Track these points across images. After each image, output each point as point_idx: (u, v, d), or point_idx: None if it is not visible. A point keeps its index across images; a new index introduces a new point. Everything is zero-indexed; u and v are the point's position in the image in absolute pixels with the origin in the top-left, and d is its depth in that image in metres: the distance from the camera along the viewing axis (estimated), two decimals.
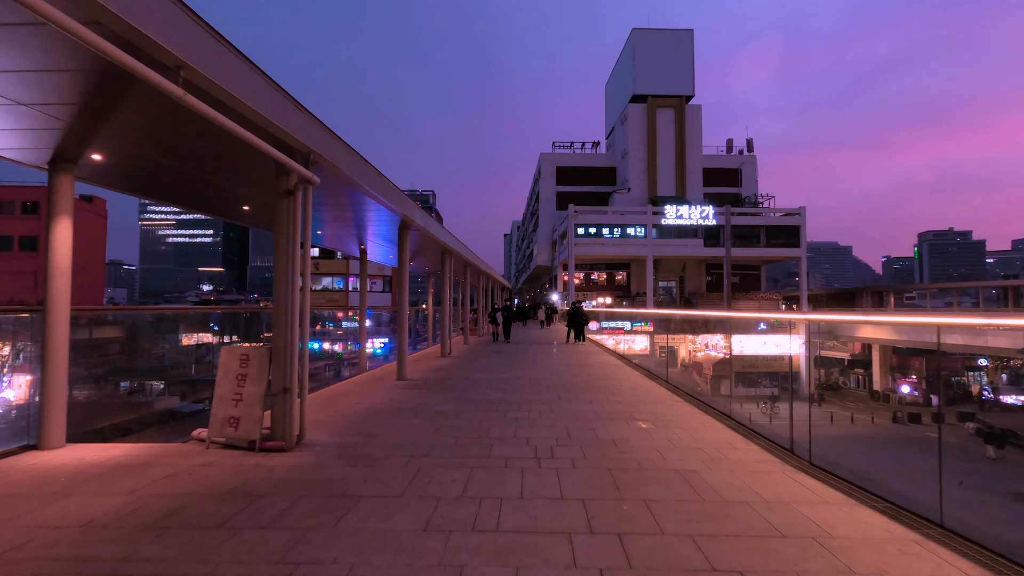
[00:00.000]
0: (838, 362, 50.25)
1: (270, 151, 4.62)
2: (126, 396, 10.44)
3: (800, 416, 5.27)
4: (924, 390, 45.82)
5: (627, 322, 46.06)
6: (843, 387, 50.43)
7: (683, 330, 46.68)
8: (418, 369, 12.22)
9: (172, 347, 11.30)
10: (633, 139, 53.14)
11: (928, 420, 37.65)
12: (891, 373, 47.41)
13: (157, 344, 11.30)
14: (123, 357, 10.22)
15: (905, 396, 45.78)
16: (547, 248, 57.33)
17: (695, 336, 47.27)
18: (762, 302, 52.21)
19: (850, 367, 50.83)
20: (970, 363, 47.14)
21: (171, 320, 12.18)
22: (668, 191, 52.82)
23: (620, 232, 47.39)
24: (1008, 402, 44.44)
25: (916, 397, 45.50)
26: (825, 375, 50.06)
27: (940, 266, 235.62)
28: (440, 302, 16.96)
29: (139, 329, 10.95)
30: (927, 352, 47.45)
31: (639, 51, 54.09)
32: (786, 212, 49.07)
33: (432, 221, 11.54)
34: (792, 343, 29.92)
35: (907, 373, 47.23)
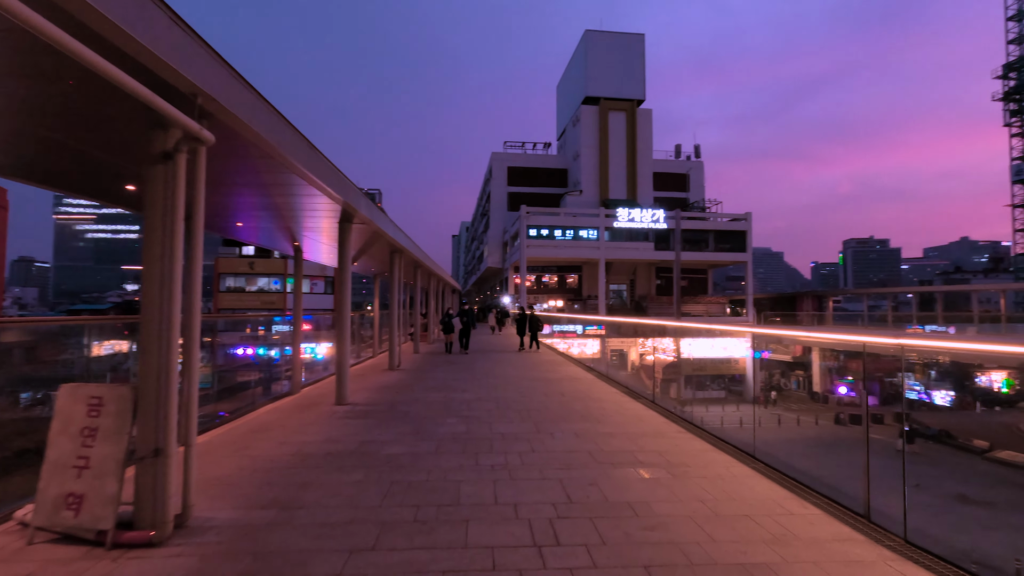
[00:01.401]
0: (785, 364, 51.43)
1: (132, 86, 2.89)
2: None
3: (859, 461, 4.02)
4: (860, 391, 47.59)
5: (579, 326, 45.35)
6: (784, 388, 51.56)
7: (635, 334, 46.57)
8: (363, 387, 10.42)
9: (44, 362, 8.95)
10: (585, 141, 52.59)
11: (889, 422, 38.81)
12: (831, 374, 49.07)
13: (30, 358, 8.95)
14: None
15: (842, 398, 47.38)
16: (498, 249, 55.91)
17: (646, 340, 47.22)
18: (709, 305, 52.87)
19: (791, 369, 52.23)
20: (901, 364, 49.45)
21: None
22: (619, 194, 52.60)
23: (572, 234, 46.65)
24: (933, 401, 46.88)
25: (853, 398, 47.17)
26: (768, 378, 51.18)
27: (862, 271, 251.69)
28: (388, 306, 15.08)
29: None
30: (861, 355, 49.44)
31: (591, 53, 53.65)
32: (733, 217, 49.83)
33: (380, 214, 9.80)
34: (740, 347, 28.87)
35: (844, 374, 48.99)
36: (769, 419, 38.55)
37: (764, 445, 5.63)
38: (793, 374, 51.72)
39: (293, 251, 11.19)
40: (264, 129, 4.43)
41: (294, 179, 5.88)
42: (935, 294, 53.54)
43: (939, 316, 40.47)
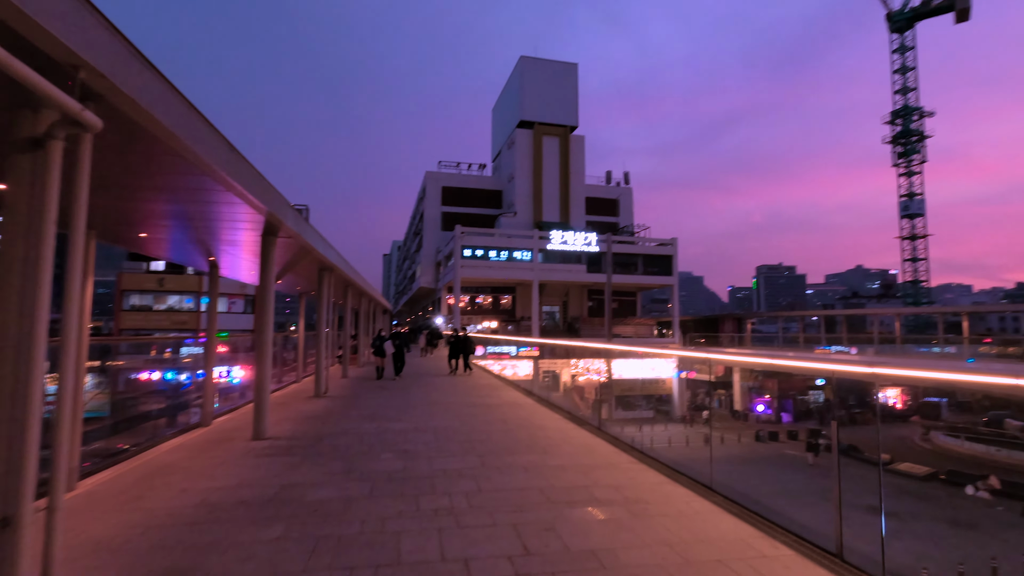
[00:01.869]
0: (709, 384, 53.44)
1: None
2: None
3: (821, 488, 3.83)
4: (776, 409, 50.28)
5: (513, 347, 45.14)
6: (707, 407, 53.52)
7: (568, 355, 46.95)
8: (285, 417, 9.44)
9: None
10: (520, 164, 53.18)
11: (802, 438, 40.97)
12: (750, 393, 51.57)
13: None
14: None
15: (760, 416, 49.83)
16: (431, 269, 54.96)
17: (578, 361, 47.76)
18: (638, 327, 54.37)
19: (714, 388, 54.43)
20: (810, 384, 52.90)
21: None
22: (553, 217, 53.40)
23: (507, 255, 46.66)
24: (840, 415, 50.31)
25: (770, 416, 49.71)
26: (693, 396, 53.03)
27: (773, 295, 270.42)
28: (315, 328, 14.02)
29: None
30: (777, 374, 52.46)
31: (526, 79, 54.67)
32: (660, 242, 51.81)
33: (309, 228, 9.00)
34: (667, 367, 29.43)
35: (763, 393, 51.65)
36: (696, 437, 39.81)
37: (720, 475, 5.41)
38: (715, 393, 53.97)
39: (208, 267, 10.09)
40: (173, 121, 3.74)
41: (210, 184, 5.12)
42: (838, 317, 57.98)
43: (844, 338, 43.62)
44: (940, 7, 64.02)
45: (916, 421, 46.56)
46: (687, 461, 5.99)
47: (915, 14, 66.40)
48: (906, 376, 3.56)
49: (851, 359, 30.61)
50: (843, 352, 46.44)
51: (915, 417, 47.75)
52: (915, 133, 65.54)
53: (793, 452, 36.31)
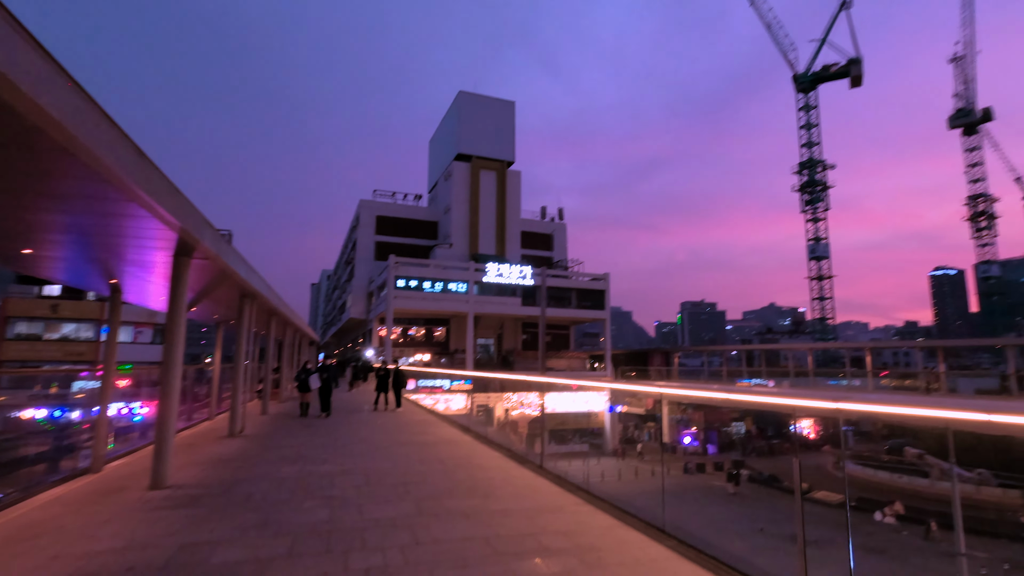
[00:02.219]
0: (638, 417, 54.35)
1: None
2: None
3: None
4: (702, 440, 51.85)
5: (447, 380, 44.12)
6: (637, 440, 54.35)
7: (502, 388, 46.43)
8: (192, 460, 8.37)
9: None
10: (457, 196, 53.24)
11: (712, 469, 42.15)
12: (677, 426, 52.97)
13: None
14: None
15: (688, 448, 51.16)
16: (363, 300, 53.23)
17: (512, 394, 47.34)
18: (572, 360, 54.86)
19: (644, 421, 55.47)
20: (734, 416, 55.20)
21: None
22: (489, 250, 53.54)
23: (442, 287, 46.03)
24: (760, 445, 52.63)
25: (696, 448, 51.16)
26: (624, 430, 53.75)
27: (696, 330, 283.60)
28: (233, 359, 12.84)
29: None
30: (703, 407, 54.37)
31: (465, 113, 55.36)
32: (593, 277, 53.02)
33: (231, 250, 8.22)
34: (599, 401, 29.49)
35: (689, 425, 53.21)
36: (627, 471, 40.11)
37: (671, 515, 5.17)
38: (646, 426, 55.01)
39: (109, 291, 8.98)
40: (56, 105, 3.15)
41: (112, 193, 4.44)
42: (756, 352, 61.27)
43: (763, 371, 45.93)
44: (837, 73, 71.67)
45: (827, 451, 49.46)
46: (637, 501, 5.72)
47: (816, 77, 73.86)
48: (870, 412, 3.48)
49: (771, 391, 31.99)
50: (762, 385, 48.76)
51: (826, 447, 50.76)
52: (819, 183, 72.04)
53: (720, 484, 37.35)
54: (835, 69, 71.39)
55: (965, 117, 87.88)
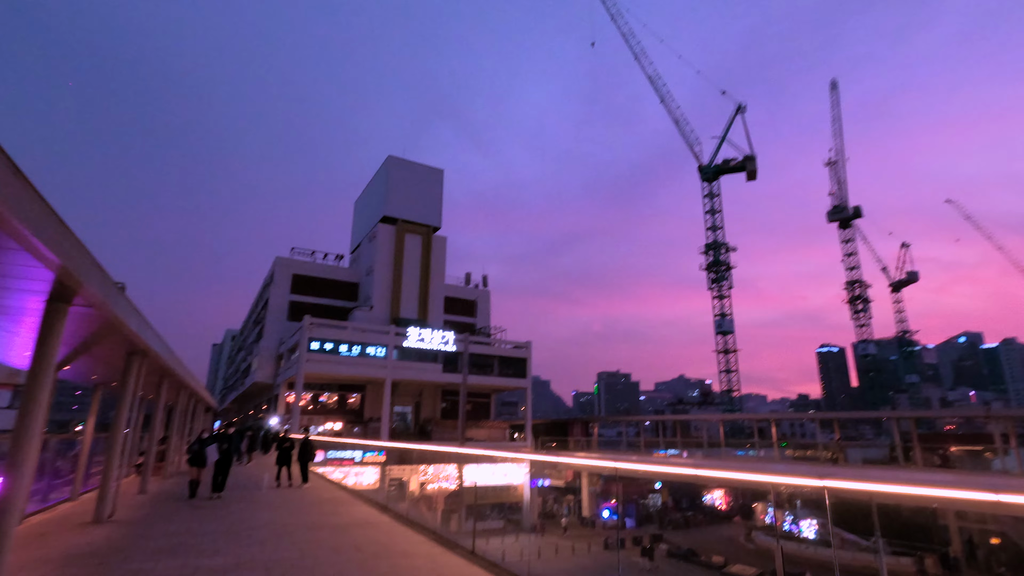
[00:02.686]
0: (555, 490, 53.09)
1: None
2: None
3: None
4: (621, 513, 51.24)
5: (359, 452, 41.18)
6: (557, 514, 52.90)
7: (419, 460, 43.93)
8: (39, 557, 6.73)
9: None
10: (380, 258, 52.24)
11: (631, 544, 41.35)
12: (596, 498, 52.17)
13: None
14: None
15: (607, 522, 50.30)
16: (271, 363, 49.57)
17: (428, 467, 44.90)
18: (492, 430, 53.43)
19: (563, 494, 54.24)
20: (651, 488, 55.37)
21: None
22: (411, 314, 52.31)
23: (359, 351, 43.97)
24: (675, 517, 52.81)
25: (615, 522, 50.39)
26: (543, 503, 52.16)
27: (612, 400, 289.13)
28: (111, 427, 10.95)
29: None
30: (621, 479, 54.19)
31: (393, 177, 55.53)
32: (516, 345, 52.95)
33: (122, 298, 7.10)
34: (519, 473, 28.52)
35: (608, 498, 52.60)
36: (547, 548, 38.45)
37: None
38: (564, 499, 53.75)
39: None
40: None
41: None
42: (668, 422, 62.86)
43: (679, 442, 46.93)
44: (736, 167, 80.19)
45: (738, 522, 50.47)
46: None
47: (718, 169, 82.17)
48: (858, 489, 3.26)
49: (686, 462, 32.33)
50: (676, 455, 49.62)
51: (737, 518, 51.84)
52: (723, 264, 78.35)
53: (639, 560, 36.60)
54: (734, 163, 79.99)
55: (840, 213, 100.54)
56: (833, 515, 33.30)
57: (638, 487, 54.90)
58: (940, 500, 6.80)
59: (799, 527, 39.02)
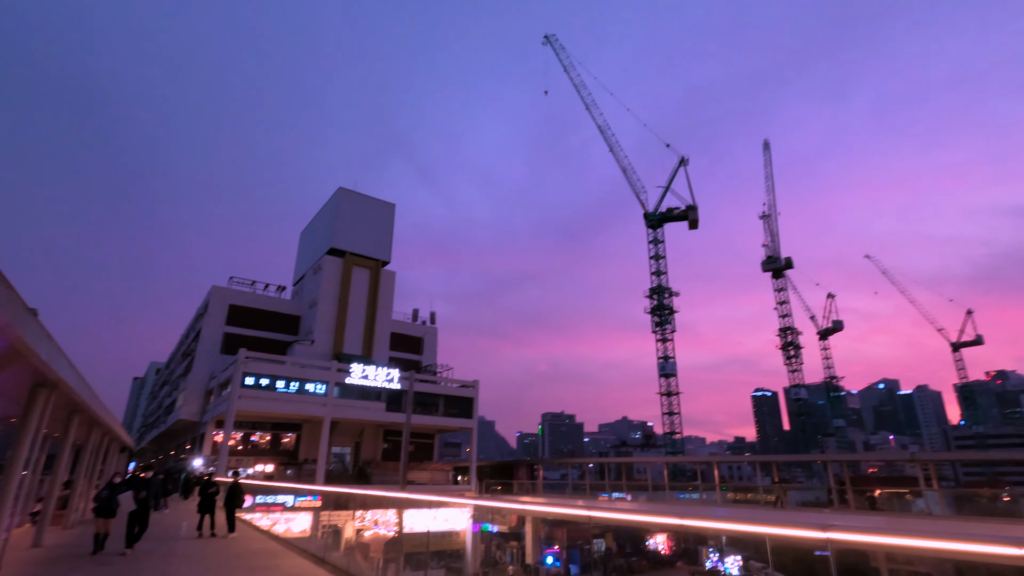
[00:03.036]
0: (499, 536, 51.44)
1: None
2: None
3: None
4: (565, 560, 50.00)
5: (291, 496, 38.53)
6: (500, 561, 51.14)
7: (361, 506, 41.57)
8: None
9: None
10: (325, 291, 50.55)
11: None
12: (540, 544, 50.76)
13: None
14: None
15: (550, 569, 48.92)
16: (198, 399, 46.31)
17: (366, 512, 42.60)
18: (434, 473, 51.55)
19: (506, 540, 52.55)
20: (595, 532, 54.54)
21: None
22: (355, 350, 50.51)
23: (298, 387, 41.83)
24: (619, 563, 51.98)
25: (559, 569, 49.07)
26: (486, 550, 50.29)
27: (556, 442, 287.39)
28: (6, 469, 9.58)
29: None
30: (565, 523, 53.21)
31: (343, 209, 54.51)
32: (463, 384, 51.91)
33: (31, 320, 6.27)
34: (461, 518, 27.55)
35: (552, 543, 51.31)
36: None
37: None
38: (508, 546, 52.03)
39: None
40: None
41: None
42: (616, 465, 62.73)
43: (624, 485, 46.71)
44: (679, 216, 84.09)
45: (681, 567, 50.28)
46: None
47: (662, 217, 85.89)
48: (860, 542, 3.07)
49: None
50: (622, 499, 49.33)
51: (680, 563, 51.66)
52: (667, 308, 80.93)
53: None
54: (677, 212, 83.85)
55: (773, 263, 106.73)
56: (774, 559, 33.66)
57: (582, 532, 53.95)
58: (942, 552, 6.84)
59: (741, 571, 39.23)
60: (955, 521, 24.97)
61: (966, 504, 27.96)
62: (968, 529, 20.56)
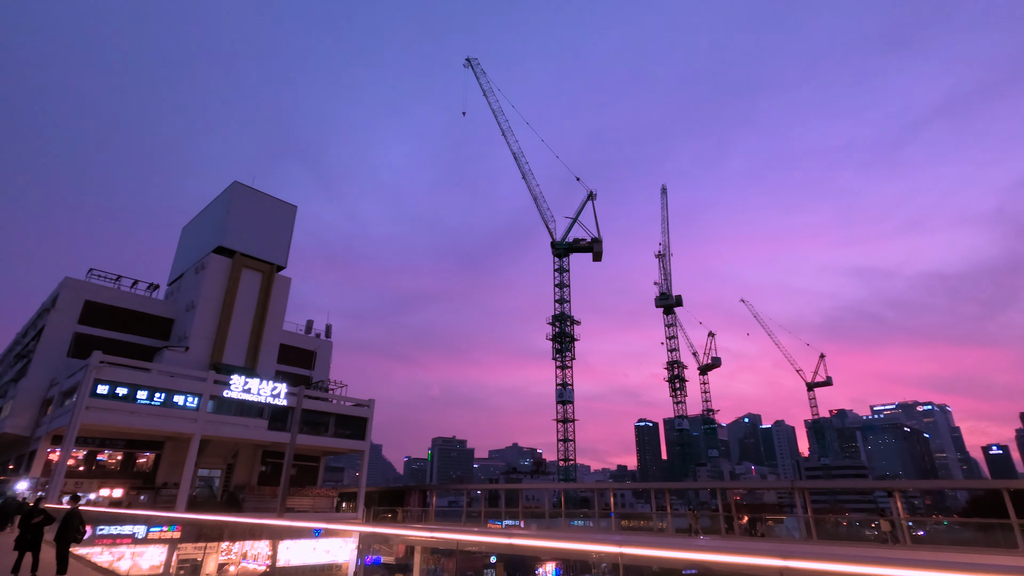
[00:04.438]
0: (387, 568, 48.25)
1: None
2: None
3: None
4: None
5: (142, 526, 33.18)
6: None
7: (222, 537, 36.84)
8: None
9: None
10: (207, 293, 45.35)
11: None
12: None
13: None
14: None
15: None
16: (32, 408, 39.07)
17: (234, 544, 37.93)
18: (318, 499, 47.36)
19: (393, 572, 49.41)
20: (486, 562, 52.96)
21: None
22: (237, 360, 45.56)
23: (164, 399, 36.72)
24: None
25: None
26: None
27: (445, 467, 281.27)
28: None
29: None
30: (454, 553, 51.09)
31: (236, 205, 49.76)
32: (357, 402, 48.67)
33: None
34: (344, 549, 25.11)
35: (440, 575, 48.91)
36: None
37: None
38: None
39: None
40: None
41: None
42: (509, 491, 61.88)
43: (520, 512, 45.84)
44: (585, 247, 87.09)
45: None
46: None
47: (569, 247, 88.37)
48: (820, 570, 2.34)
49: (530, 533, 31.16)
50: (514, 526, 48.43)
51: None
52: (568, 336, 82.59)
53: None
54: (583, 243, 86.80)
55: (666, 300, 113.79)
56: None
57: (472, 562, 52.13)
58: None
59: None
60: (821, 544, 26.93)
61: (817, 528, 30.25)
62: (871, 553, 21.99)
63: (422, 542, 45.48)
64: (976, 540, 26.71)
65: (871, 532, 32.30)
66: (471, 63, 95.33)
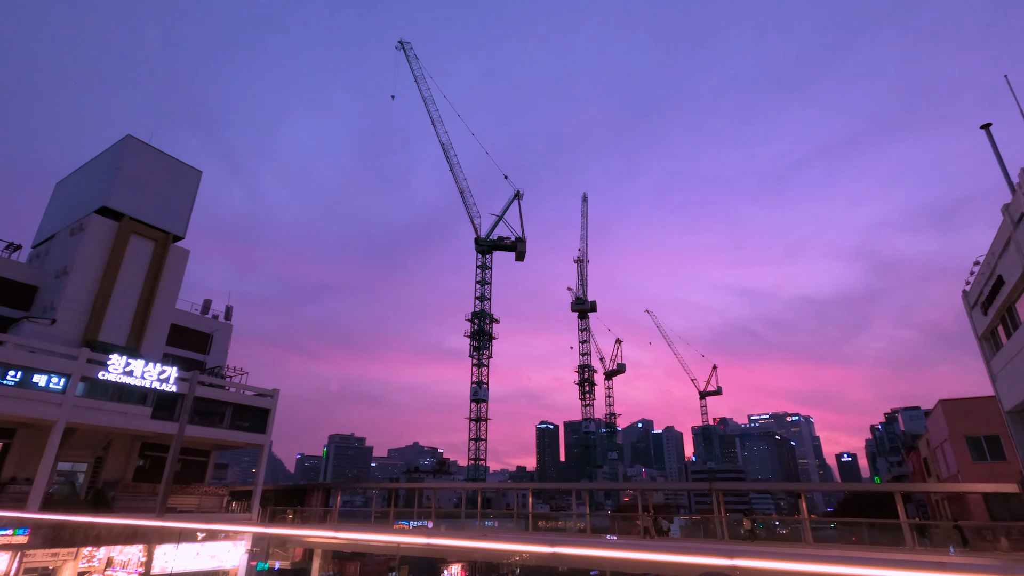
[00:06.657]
0: (281, 573, 44.36)
1: None
2: None
3: None
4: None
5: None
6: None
7: (85, 541, 31.70)
8: None
9: None
10: (85, 258, 39.09)
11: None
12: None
13: None
14: None
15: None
16: None
17: (96, 549, 32.94)
18: (204, 498, 42.40)
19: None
20: (390, 565, 50.36)
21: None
22: (117, 339, 39.61)
23: (19, 377, 31.02)
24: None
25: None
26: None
27: (341, 466, 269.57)
28: None
29: None
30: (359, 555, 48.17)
31: (129, 162, 43.49)
32: (259, 392, 44.33)
33: None
34: (234, 554, 22.03)
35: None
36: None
37: None
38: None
39: None
40: None
41: None
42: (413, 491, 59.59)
43: (432, 512, 44.00)
44: (508, 246, 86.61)
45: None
46: None
47: (493, 244, 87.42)
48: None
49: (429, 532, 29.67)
50: (423, 526, 46.54)
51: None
52: (487, 334, 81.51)
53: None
54: (507, 242, 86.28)
55: (581, 304, 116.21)
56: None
57: (376, 565, 49.35)
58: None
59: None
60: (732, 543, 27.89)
61: (699, 528, 31.63)
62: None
63: (335, 545, 42.21)
64: (867, 538, 28.96)
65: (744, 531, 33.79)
66: (404, 46, 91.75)
